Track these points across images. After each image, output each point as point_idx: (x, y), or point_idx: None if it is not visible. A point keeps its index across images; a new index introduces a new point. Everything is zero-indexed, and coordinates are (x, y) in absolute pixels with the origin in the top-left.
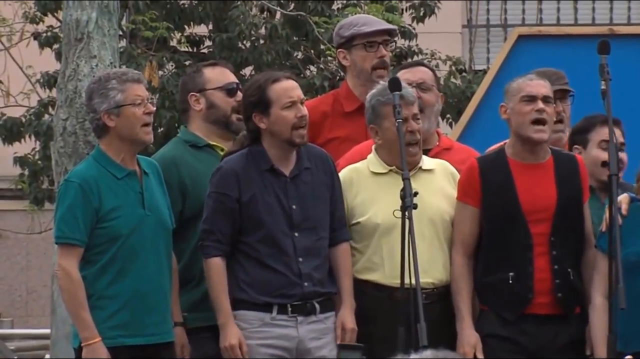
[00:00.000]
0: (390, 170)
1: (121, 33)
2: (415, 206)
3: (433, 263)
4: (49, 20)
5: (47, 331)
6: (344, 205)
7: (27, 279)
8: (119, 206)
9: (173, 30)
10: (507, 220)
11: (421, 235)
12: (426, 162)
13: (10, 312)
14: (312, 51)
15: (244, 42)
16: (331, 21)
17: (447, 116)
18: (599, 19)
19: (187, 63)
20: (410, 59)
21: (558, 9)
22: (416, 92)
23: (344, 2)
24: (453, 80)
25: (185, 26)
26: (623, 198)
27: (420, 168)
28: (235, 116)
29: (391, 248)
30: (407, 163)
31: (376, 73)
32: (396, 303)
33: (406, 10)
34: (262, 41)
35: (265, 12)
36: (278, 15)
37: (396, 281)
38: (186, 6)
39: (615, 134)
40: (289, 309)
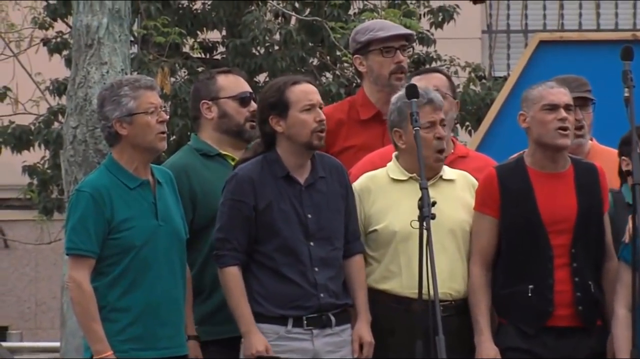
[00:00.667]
0: (410, 177)
1: (132, 39)
2: (433, 216)
3: (453, 275)
4: (59, 25)
5: (57, 344)
6: (358, 217)
7: (36, 290)
8: (132, 217)
9: (185, 36)
10: (527, 231)
11: (441, 246)
12: (447, 171)
13: (18, 324)
14: (328, 57)
15: (258, 48)
16: (347, 26)
17: (467, 124)
18: (622, 24)
19: (200, 69)
20: (428, 66)
21: (580, 14)
22: None
23: (361, 7)
24: (472, 87)
25: (197, 32)
26: None
27: (440, 177)
28: (248, 124)
29: (409, 257)
30: (430, 170)
31: (393, 78)
32: (414, 315)
33: (424, 15)
34: (277, 47)
35: (279, 17)
36: (293, 20)
37: (414, 292)
38: (199, 11)
39: None
40: (305, 322)
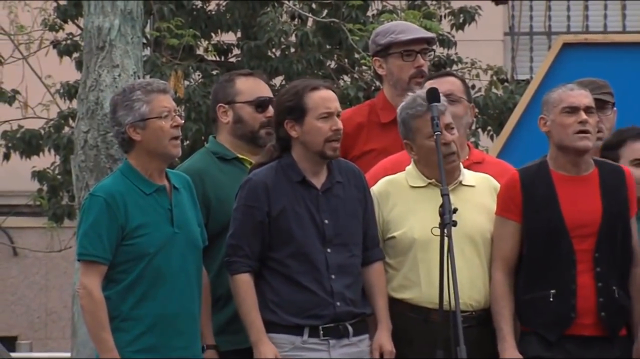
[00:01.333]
0: (429, 183)
1: (145, 41)
2: (454, 223)
3: (473, 284)
4: (69, 27)
5: (67, 355)
6: (377, 223)
7: (47, 299)
8: (146, 223)
9: (199, 38)
10: (550, 235)
11: (461, 254)
12: (467, 176)
13: (28, 334)
14: (346, 60)
15: (274, 50)
16: (366, 28)
17: (488, 129)
18: None
19: (214, 73)
20: (449, 68)
21: (605, 15)
22: None
23: (380, 8)
24: (494, 90)
25: (212, 34)
26: None
27: (460, 183)
28: (264, 131)
29: (428, 265)
30: (447, 175)
31: (414, 82)
32: (433, 326)
33: (445, 17)
34: (293, 49)
35: (296, 18)
36: (310, 22)
37: (434, 302)
38: (213, 12)
39: None
40: (321, 332)
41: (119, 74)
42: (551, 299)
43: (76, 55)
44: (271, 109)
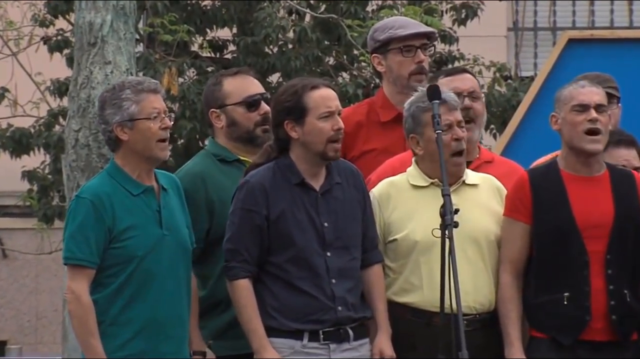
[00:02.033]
0: (431, 183)
1: (138, 37)
2: (456, 225)
3: (476, 287)
4: (60, 23)
5: None
6: (378, 225)
7: (37, 303)
8: (134, 225)
9: (194, 34)
10: (561, 236)
11: (464, 256)
12: (470, 176)
13: (18, 339)
14: (345, 56)
15: (271, 46)
16: (365, 24)
17: (491, 127)
18: None
19: (209, 69)
20: (450, 65)
21: (611, 11)
22: (467, 101)
23: (379, 3)
24: (497, 87)
25: (207, 29)
26: None
27: (463, 182)
28: (260, 129)
29: (430, 268)
30: (451, 175)
31: (414, 79)
32: (435, 330)
33: (446, 12)
34: (291, 46)
35: (293, 14)
36: (308, 17)
37: (435, 306)
38: (208, 8)
39: (629, 157)
40: (321, 336)
41: (111, 71)
42: (565, 302)
43: (67, 51)
44: (264, 106)
